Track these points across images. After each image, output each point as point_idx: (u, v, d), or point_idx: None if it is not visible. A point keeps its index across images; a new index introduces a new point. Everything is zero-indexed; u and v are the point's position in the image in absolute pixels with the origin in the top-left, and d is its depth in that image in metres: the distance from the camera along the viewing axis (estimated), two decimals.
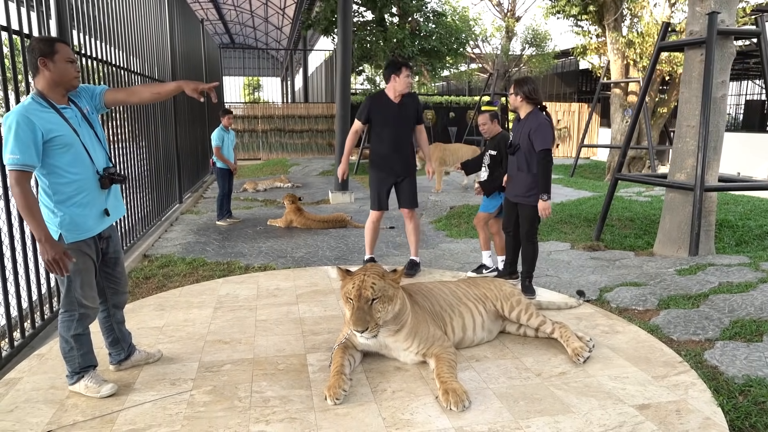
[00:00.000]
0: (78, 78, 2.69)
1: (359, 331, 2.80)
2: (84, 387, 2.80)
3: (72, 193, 2.63)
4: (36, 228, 2.47)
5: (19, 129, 2.45)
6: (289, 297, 4.39)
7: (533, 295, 4.35)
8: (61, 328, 2.76)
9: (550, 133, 4.12)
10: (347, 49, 9.75)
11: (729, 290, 4.11)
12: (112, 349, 3.10)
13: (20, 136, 2.44)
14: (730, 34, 5.66)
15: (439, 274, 5.11)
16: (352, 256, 6.08)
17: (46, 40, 2.61)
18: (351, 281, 2.94)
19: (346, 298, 2.92)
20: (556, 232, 7.06)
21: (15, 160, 2.44)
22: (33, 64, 2.58)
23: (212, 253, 6.23)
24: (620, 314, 4.02)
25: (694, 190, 5.51)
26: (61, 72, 2.59)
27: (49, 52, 2.56)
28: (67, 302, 2.72)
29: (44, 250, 2.48)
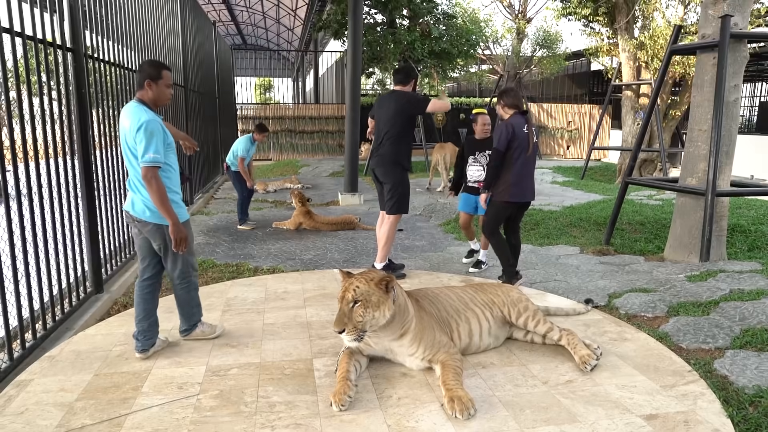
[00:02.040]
0: (170, 99, 3.33)
1: (336, 331, 2.82)
2: (200, 332, 3.56)
3: (172, 186, 3.22)
4: (168, 213, 3.11)
5: (158, 133, 3.07)
6: (296, 300, 4.40)
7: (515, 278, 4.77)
8: (185, 294, 3.46)
9: (504, 135, 4.47)
10: (357, 50, 9.77)
11: (740, 297, 4.07)
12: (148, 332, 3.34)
13: (159, 138, 3.06)
14: (744, 37, 5.60)
15: (447, 278, 5.11)
16: (360, 258, 6.09)
17: (156, 66, 3.23)
18: (343, 283, 2.96)
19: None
20: (566, 235, 7.02)
21: (156, 157, 3.04)
22: (140, 81, 3.19)
23: (222, 255, 6.27)
24: (629, 321, 3.99)
25: (706, 194, 5.46)
26: (161, 94, 3.23)
27: (156, 76, 3.19)
28: (183, 272, 3.39)
29: (176, 230, 3.14)
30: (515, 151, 4.50)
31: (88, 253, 4.66)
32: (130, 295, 4.87)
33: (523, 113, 4.60)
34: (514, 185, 4.54)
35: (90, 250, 4.67)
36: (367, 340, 3.09)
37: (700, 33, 5.93)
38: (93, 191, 4.71)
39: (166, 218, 3.12)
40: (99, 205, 4.89)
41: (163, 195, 3.06)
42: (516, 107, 4.60)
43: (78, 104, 4.50)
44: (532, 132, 4.57)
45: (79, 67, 4.48)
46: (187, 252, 3.34)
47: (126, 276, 5.30)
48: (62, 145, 4.22)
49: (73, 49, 4.41)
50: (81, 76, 4.50)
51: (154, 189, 3.05)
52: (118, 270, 5.38)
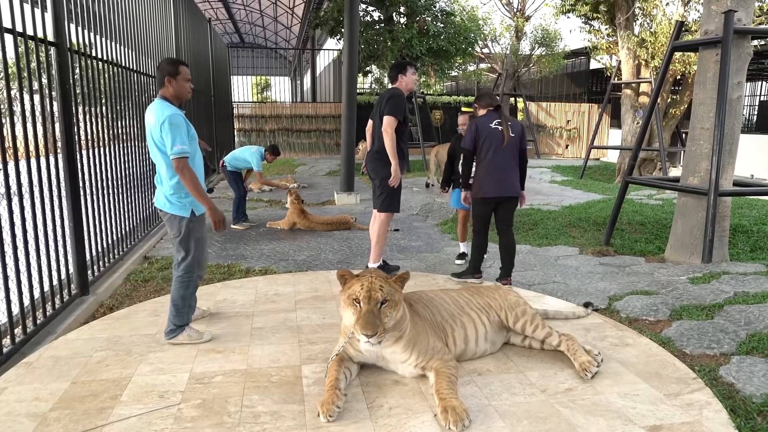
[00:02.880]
0: (190, 92, 3.46)
1: (368, 335, 2.64)
2: (187, 337, 3.47)
3: (197, 178, 3.32)
4: (204, 199, 3.31)
5: (182, 126, 3.22)
6: (287, 303, 4.27)
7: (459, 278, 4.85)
8: (181, 289, 3.46)
9: (468, 134, 4.59)
10: (353, 48, 9.63)
11: (745, 300, 3.94)
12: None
13: (183, 131, 3.21)
14: (748, 33, 5.47)
15: (442, 279, 4.97)
16: (355, 259, 5.95)
17: (173, 63, 3.36)
18: (358, 283, 2.80)
19: (351, 300, 2.77)
20: (564, 236, 6.89)
21: (183, 149, 3.20)
22: (161, 79, 3.34)
23: (213, 256, 6.13)
24: (630, 325, 3.86)
25: (708, 194, 5.33)
26: (181, 88, 3.37)
27: (174, 72, 3.33)
28: (188, 266, 3.47)
29: (213, 213, 3.35)
30: (483, 147, 4.53)
31: (73, 255, 4.52)
32: (118, 297, 4.73)
33: (495, 109, 4.63)
34: (485, 181, 4.52)
35: (75, 251, 4.53)
36: (358, 346, 2.96)
37: (702, 29, 5.80)
38: (78, 190, 4.57)
39: (202, 204, 3.33)
40: (86, 205, 4.75)
41: (196, 183, 3.24)
42: (489, 105, 4.65)
43: (62, 101, 4.36)
44: (507, 126, 4.51)
45: (63, 62, 4.33)
46: (200, 248, 3.48)
47: (114, 277, 5.16)
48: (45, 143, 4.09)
49: (56, 43, 4.27)
50: (65, 71, 4.36)
51: (187, 178, 3.21)
52: (106, 271, 5.24)
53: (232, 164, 7.75)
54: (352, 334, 2.89)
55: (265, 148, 7.89)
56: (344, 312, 2.85)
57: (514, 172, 4.57)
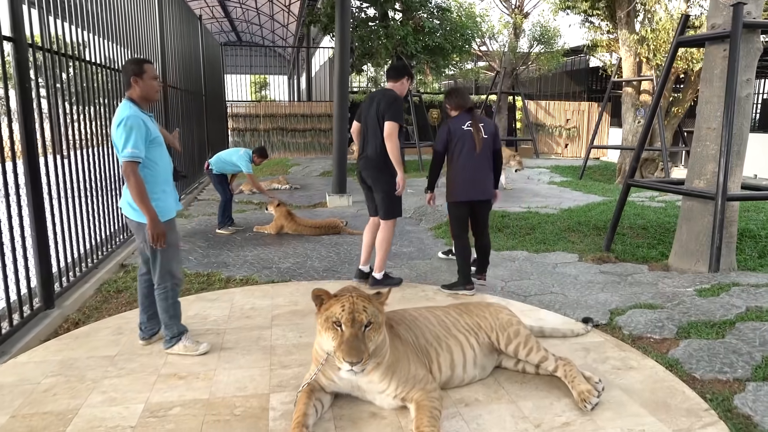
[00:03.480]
0: (159, 91, 3.33)
1: (353, 362, 2.34)
2: (183, 347, 3.34)
3: (161, 182, 3.24)
4: (147, 209, 3.08)
5: (140, 128, 3.05)
6: (263, 319, 3.95)
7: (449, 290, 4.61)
8: (160, 301, 3.34)
9: (440, 136, 4.53)
10: (345, 46, 9.31)
11: (759, 317, 3.63)
12: (147, 324, 3.50)
13: (139, 134, 3.04)
14: (758, 27, 5.15)
15: (432, 290, 4.66)
16: (342, 267, 5.64)
17: (137, 62, 3.23)
18: (337, 303, 2.50)
19: (331, 324, 2.46)
20: (563, 241, 6.58)
21: (135, 153, 3.03)
22: (126, 81, 3.20)
23: (194, 263, 5.82)
24: (634, 343, 3.55)
25: (716, 199, 5.02)
26: (148, 87, 3.23)
27: (139, 72, 3.20)
28: (161, 276, 3.30)
29: (152, 226, 3.09)
30: (455, 149, 4.46)
31: (36, 266, 4.21)
32: (85, 310, 4.42)
33: (468, 110, 4.56)
34: (458, 184, 4.48)
35: (38, 262, 4.22)
36: (330, 374, 2.65)
37: (709, 23, 5.48)
38: (41, 197, 4.25)
39: (144, 213, 3.10)
40: (51, 212, 4.44)
41: (141, 190, 3.05)
42: (461, 107, 4.57)
43: (21, 101, 4.04)
44: (479, 129, 4.45)
45: (21, 59, 4.02)
46: (166, 256, 3.29)
47: (85, 287, 4.85)
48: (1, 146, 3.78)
49: (13, 38, 3.95)
50: (24, 69, 4.04)
51: (132, 184, 3.04)
52: (77, 281, 4.93)
53: (219, 168, 7.43)
54: (325, 361, 2.59)
55: (253, 151, 7.57)
56: (321, 336, 2.54)
57: (487, 174, 4.52)
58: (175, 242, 3.38)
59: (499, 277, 5.25)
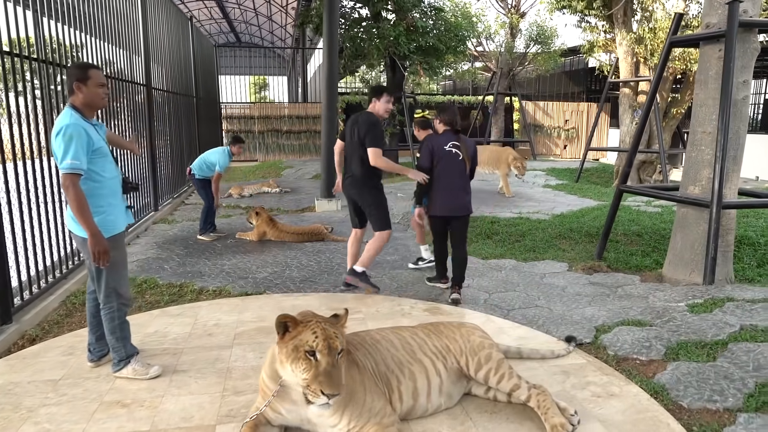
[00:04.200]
0: (105, 99, 3.09)
1: (333, 395, 2.16)
2: (132, 371, 3.13)
3: (106, 195, 3.04)
4: (87, 224, 2.87)
5: (80, 138, 2.85)
6: (225, 337, 3.72)
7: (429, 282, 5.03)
8: (106, 322, 3.13)
9: (425, 153, 4.69)
10: (333, 46, 9.08)
11: (753, 337, 3.38)
12: (96, 345, 3.31)
13: (80, 144, 2.84)
14: (755, 26, 4.90)
15: (409, 305, 4.42)
16: (321, 278, 5.40)
17: (81, 67, 3.03)
18: (308, 330, 2.27)
19: (302, 353, 2.22)
20: (554, 249, 6.33)
21: (75, 164, 2.82)
22: (69, 87, 3.00)
23: (169, 273, 5.60)
24: (618, 366, 3.30)
25: (711, 207, 4.77)
26: (93, 95, 3.01)
27: (83, 78, 2.97)
28: (106, 295, 3.09)
29: (93, 242, 2.88)
30: (437, 167, 4.65)
31: None
32: (45, 325, 4.20)
33: (455, 132, 4.74)
34: (438, 201, 4.69)
35: None
36: (278, 407, 2.42)
37: (704, 22, 5.23)
38: None
39: (84, 228, 2.89)
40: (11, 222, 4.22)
41: (81, 204, 2.85)
42: (450, 125, 4.76)
43: None
44: (465, 149, 4.69)
45: None
46: (112, 275, 3.08)
47: (50, 300, 4.63)
48: None
49: None
50: None
51: (71, 197, 2.85)
52: (42, 293, 4.71)
53: (201, 172, 7.21)
54: (276, 393, 2.36)
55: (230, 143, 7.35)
56: (284, 368, 2.28)
57: (465, 191, 4.75)
58: (122, 259, 3.15)
59: (483, 288, 5.01)
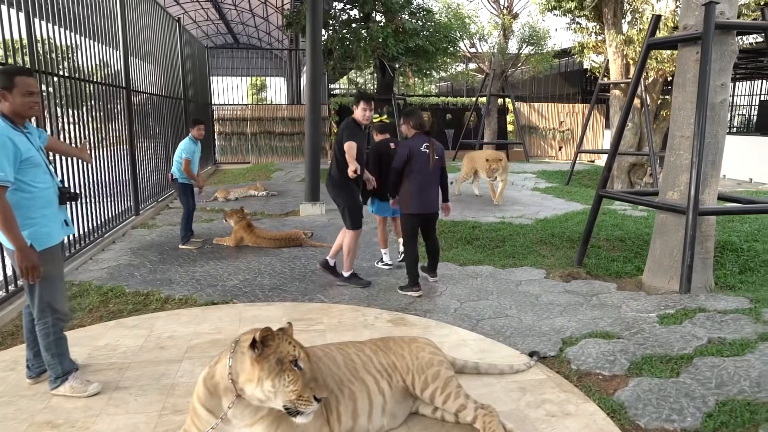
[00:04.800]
0: (35, 108, 2.93)
1: (323, 397, 2.17)
2: (69, 388, 3.01)
3: (39, 206, 2.91)
4: (14, 238, 2.74)
5: (5, 148, 2.70)
6: (177, 350, 3.60)
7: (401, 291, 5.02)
8: (41, 338, 3.00)
9: (402, 156, 4.91)
10: (317, 48, 8.97)
11: (720, 351, 3.25)
12: (34, 361, 3.18)
13: (4, 153, 2.69)
14: (731, 28, 4.78)
15: (374, 315, 4.30)
16: (291, 285, 5.28)
17: (6, 73, 2.86)
18: (284, 341, 2.20)
19: (288, 364, 2.13)
20: (534, 255, 6.21)
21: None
22: None
23: (138, 280, 5.48)
24: (580, 381, 3.18)
25: (687, 213, 4.64)
26: (20, 103, 2.84)
27: (7, 85, 2.81)
28: (40, 310, 2.96)
29: (21, 257, 2.75)
30: (412, 167, 4.90)
31: None
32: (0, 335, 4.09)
33: (425, 133, 5.02)
34: (412, 199, 4.96)
35: None
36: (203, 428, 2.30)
37: (681, 24, 5.11)
38: None
39: (10, 242, 2.76)
40: None
41: (6, 217, 2.70)
42: (420, 127, 5.02)
43: None
44: (433, 150, 4.95)
45: None
46: (45, 289, 2.94)
47: (8, 309, 4.53)
48: None
49: None
50: None
51: None
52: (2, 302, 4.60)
53: (180, 174, 6.94)
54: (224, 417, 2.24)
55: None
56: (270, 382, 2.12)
57: (435, 190, 5.07)
58: (58, 273, 3.02)
59: (456, 296, 4.89)
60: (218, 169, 17.49)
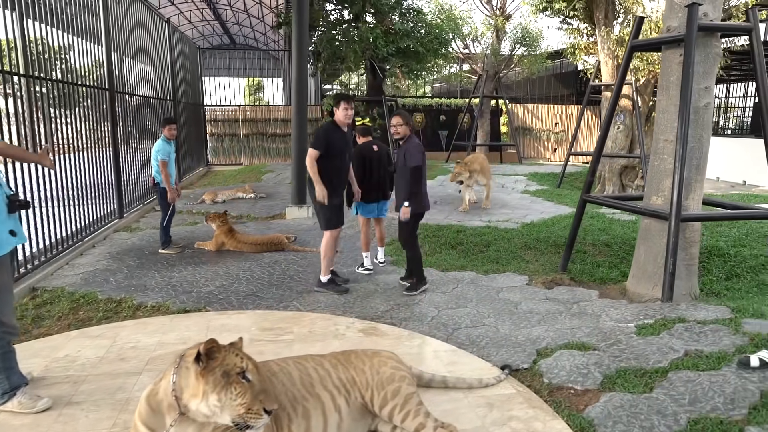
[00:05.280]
0: None
1: (275, 409, 2.09)
2: (17, 404, 2.89)
3: None
4: None
5: None
6: (138, 362, 3.49)
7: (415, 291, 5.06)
8: None
9: (419, 153, 4.93)
10: (303, 48, 8.86)
11: (695, 365, 3.14)
12: None
13: None
14: (715, 30, 4.68)
15: (345, 325, 4.18)
16: (268, 292, 5.17)
17: None
18: (231, 353, 2.12)
19: (235, 376, 2.05)
20: (517, 260, 6.10)
21: None
22: None
23: (113, 286, 5.36)
24: (551, 396, 3.07)
25: (669, 219, 4.54)
26: None
27: None
28: None
29: None
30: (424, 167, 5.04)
31: None
32: None
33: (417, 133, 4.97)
34: (424, 197, 5.11)
35: None
36: None
37: (665, 25, 5.01)
38: None
39: None
40: None
41: None
42: (413, 129, 5.18)
43: None
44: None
45: None
46: None
47: None
48: None
49: None
50: None
51: None
52: None
53: (159, 178, 6.83)
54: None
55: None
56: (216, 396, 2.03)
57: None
58: (5, 284, 2.90)
59: (434, 303, 4.78)
60: (210, 170, 17.37)
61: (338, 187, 5.24)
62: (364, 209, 5.82)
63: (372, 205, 5.81)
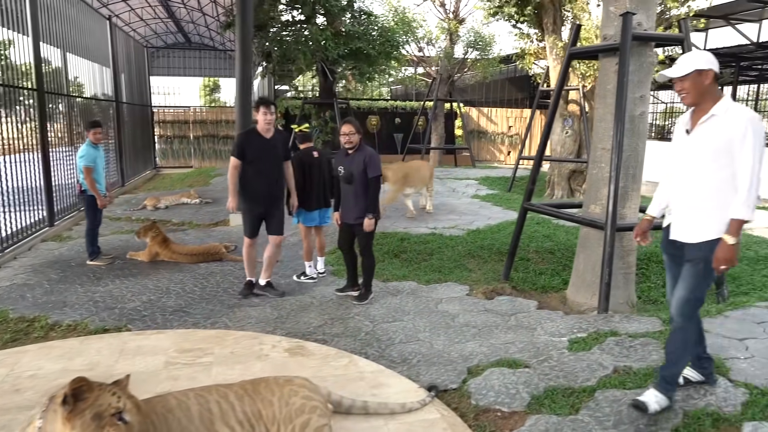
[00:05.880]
0: None
1: None
2: None
3: None
4: None
5: None
6: (34, 393, 3.18)
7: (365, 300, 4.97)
8: None
9: (379, 162, 4.86)
10: (246, 49, 8.57)
11: (622, 383, 3.07)
12: None
13: None
14: (649, 39, 4.69)
15: (271, 344, 3.95)
16: (197, 307, 4.90)
17: None
18: (106, 392, 1.95)
19: (109, 418, 1.89)
20: (460, 269, 5.99)
21: None
22: None
23: (28, 303, 4.98)
24: (476, 419, 2.94)
25: (605, 229, 4.51)
26: None
27: None
28: None
29: None
30: None
31: None
32: None
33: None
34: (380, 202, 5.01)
35: None
36: None
37: (602, 34, 5.00)
38: None
39: None
40: None
41: None
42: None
43: None
44: None
45: None
46: None
47: None
48: None
49: None
50: None
51: None
52: None
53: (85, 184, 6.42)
54: None
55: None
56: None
57: None
58: None
59: (370, 317, 4.61)
60: (158, 173, 16.79)
61: (260, 196, 5.08)
62: (306, 217, 5.64)
63: (314, 213, 5.64)
